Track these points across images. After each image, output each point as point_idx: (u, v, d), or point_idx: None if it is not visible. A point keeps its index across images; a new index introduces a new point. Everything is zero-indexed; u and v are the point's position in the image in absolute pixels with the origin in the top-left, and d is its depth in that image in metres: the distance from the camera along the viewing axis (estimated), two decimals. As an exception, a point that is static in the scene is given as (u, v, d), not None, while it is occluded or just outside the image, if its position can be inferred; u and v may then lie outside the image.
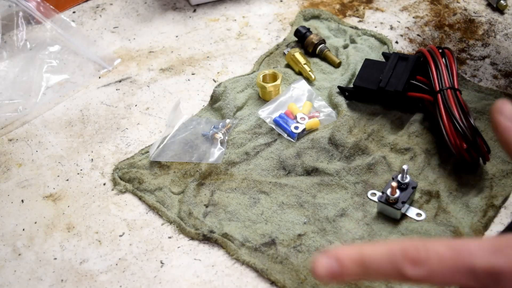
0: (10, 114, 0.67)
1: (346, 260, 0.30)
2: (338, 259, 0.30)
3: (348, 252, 0.30)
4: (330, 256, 0.30)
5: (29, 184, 0.60)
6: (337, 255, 0.30)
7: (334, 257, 0.30)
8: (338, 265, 0.30)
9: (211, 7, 0.82)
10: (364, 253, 0.30)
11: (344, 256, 0.30)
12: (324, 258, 0.30)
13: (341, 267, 0.30)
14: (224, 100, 0.65)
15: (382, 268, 0.29)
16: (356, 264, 0.30)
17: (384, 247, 0.30)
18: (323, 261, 0.30)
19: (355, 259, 0.30)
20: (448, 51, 0.60)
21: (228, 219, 0.54)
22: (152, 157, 0.60)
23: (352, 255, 0.30)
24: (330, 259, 0.30)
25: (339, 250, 0.30)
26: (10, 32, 0.77)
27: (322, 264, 0.30)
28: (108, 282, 0.50)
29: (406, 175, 0.52)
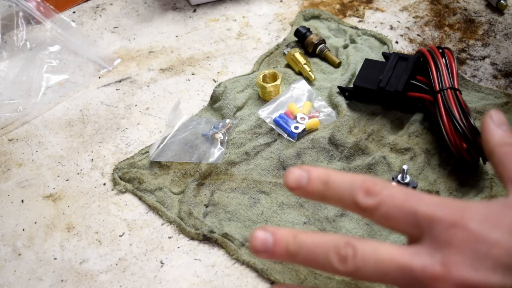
0: (10, 114, 0.67)
1: (314, 175, 0.33)
2: (308, 173, 0.33)
3: (318, 170, 0.33)
4: (303, 169, 0.33)
5: (29, 184, 0.60)
6: (309, 170, 0.33)
7: (306, 171, 0.33)
8: (307, 177, 0.33)
9: (211, 7, 0.82)
10: (330, 175, 0.33)
11: (313, 172, 0.33)
12: (298, 170, 0.33)
13: (308, 180, 0.33)
14: (224, 100, 0.65)
15: (340, 191, 0.32)
16: (320, 181, 0.33)
17: (349, 176, 0.33)
18: (296, 171, 0.33)
19: (321, 177, 0.33)
20: (448, 51, 0.60)
21: (228, 219, 0.54)
22: (152, 157, 0.60)
23: (321, 174, 0.33)
24: (302, 172, 0.33)
25: (312, 167, 0.34)
26: (10, 32, 0.77)
27: (294, 174, 0.33)
28: (108, 282, 0.50)
29: (406, 175, 0.52)
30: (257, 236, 0.33)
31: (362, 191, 0.32)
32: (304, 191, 0.33)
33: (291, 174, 0.33)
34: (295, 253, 0.32)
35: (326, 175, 0.33)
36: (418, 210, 0.31)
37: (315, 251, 0.32)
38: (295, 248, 0.32)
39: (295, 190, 0.34)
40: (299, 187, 0.33)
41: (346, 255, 0.31)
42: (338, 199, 0.33)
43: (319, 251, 0.32)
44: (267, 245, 0.33)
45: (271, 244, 0.33)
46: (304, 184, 0.33)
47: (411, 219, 0.31)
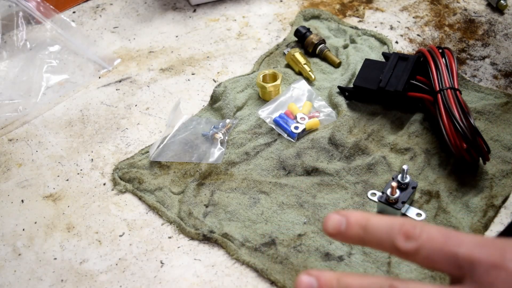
0: (10, 114, 0.67)
1: (352, 220, 0.34)
2: (347, 218, 0.34)
3: (356, 215, 0.34)
4: (341, 214, 0.34)
5: (29, 184, 0.60)
6: (347, 215, 0.34)
7: (345, 216, 0.34)
8: (345, 223, 0.34)
9: (211, 7, 0.82)
10: (369, 220, 0.34)
11: (352, 217, 0.34)
12: (336, 215, 0.34)
13: (346, 226, 0.34)
14: (224, 100, 0.65)
15: (379, 236, 0.33)
16: (359, 226, 0.34)
17: (387, 219, 0.33)
18: (334, 217, 0.34)
19: (360, 222, 0.34)
20: (448, 51, 0.60)
21: (228, 219, 0.54)
22: (152, 157, 0.60)
23: (359, 219, 0.34)
24: (341, 217, 0.34)
25: (349, 212, 0.34)
26: (10, 32, 0.77)
27: (333, 220, 0.34)
28: (108, 282, 0.50)
29: (406, 175, 0.52)
30: (302, 281, 0.33)
31: (401, 235, 0.32)
32: (343, 236, 0.34)
33: (330, 220, 0.34)
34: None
35: (365, 220, 0.34)
36: (458, 252, 0.31)
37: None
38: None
39: (334, 236, 0.34)
40: (339, 233, 0.34)
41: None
42: (378, 244, 0.33)
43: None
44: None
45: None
46: (343, 230, 0.34)
47: (452, 261, 0.31)
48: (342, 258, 0.50)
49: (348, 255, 0.50)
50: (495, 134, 0.58)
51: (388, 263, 0.49)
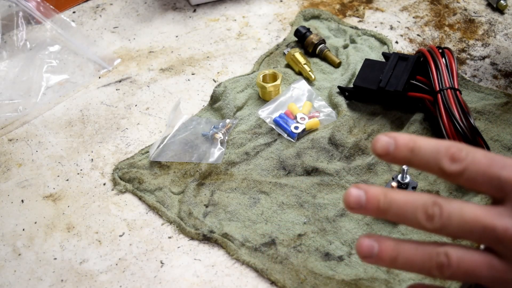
0: (10, 114, 0.67)
1: (401, 142, 0.34)
2: (395, 140, 0.34)
3: (404, 137, 0.34)
4: (390, 136, 0.35)
5: (29, 184, 0.60)
6: (395, 137, 0.34)
7: (393, 138, 0.34)
8: (394, 144, 0.34)
9: (211, 7, 0.82)
10: (416, 142, 0.34)
11: (400, 140, 0.34)
12: (384, 137, 0.35)
13: (395, 147, 0.34)
14: (224, 100, 0.65)
15: (426, 157, 0.34)
16: (407, 148, 0.34)
17: (434, 142, 0.34)
18: (383, 138, 0.35)
19: (408, 144, 0.34)
20: (448, 51, 0.60)
21: (228, 219, 0.54)
22: (152, 157, 0.60)
23: (406, 141, 0.34)
24: (389, 139, 0.34)
25: (397, 134, 0.35)
26: (10, 32, 0.77)
27: (381, 142, 0.34)
28: (108, 282, 0.50)
29: (406, 175, 0.52)
30: (351, 193, 0.34)
31: (447, 157, 0.33)
32: (391, 157, 0.35)
33: (379, 141, 0.34)
34: (386, 210, 0.34)
35: (412, 141, 0.34)
36: (501, 175, 0.32)
37: (404, 209, 0.33)
38: (385, 206, 0.34)
39: (383, 156, 0.35)
40: (387, 153, 0.34)
41: (433, 214, 0.32)
42: (424, 165, 0.34)
43: (408, 209, 0.33)
44: (361, 202, 0.34)
45: (364, 201, 0.34)
46: (391, 151, 0.34)
47: (494, 183, 0.33)
48: (342, 258, 0.50)
49: (348, 255, 0.50)
50: (495, 134, 0.58)
51: (388, 263, 0.49)
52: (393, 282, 0.48)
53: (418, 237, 0.51)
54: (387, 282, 0.48)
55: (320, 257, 0.50)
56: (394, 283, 0.48)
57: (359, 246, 0.34)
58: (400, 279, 0.48)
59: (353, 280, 0.48)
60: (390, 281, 0.48)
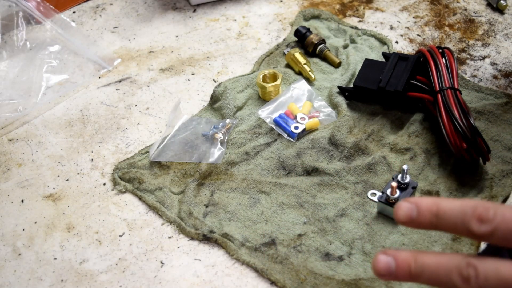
0: (10, 114, 0.67)
1: (423, 208, 0.33)
2: (417, 205, 0.33)
3: (426, 202, 0.33)
4: (411, 202, 0.34)
5: (29, 184, 0.60)
6: (417, 202, 0.33)
7: (415, 204, 0.33)
8: (417, 211, 0.33)
9: (211, 7, 0.82)
10: (440, 205, 0.33)
11: (423, 205, 0.33)
12: (406, 203, 0.34)
13: (418, 214, 0.33)
14: (224, 100, 0.65)
15: (453, 221, 0.33)
16: (430, 213, 0.33)
17: (458, 203, 0.33)
18: (404, 205, 0.34)
19: (430, 208, 0.33)
20: (448, 51, 0.60)
21: (228, 219, 0.54)
22: (152, 157, 0.60)
23: (429, 206, 0.33)
24: (411, 205, 0.33)
25: (419, 199, 0.34)
26: (10, 32, 0.77)
27: (403, 208, 0.33)
28: (108, 282, 0.50)
29: (406, 175, 0.52)
30: (380, 260, 0.34)
31: (475, 219, 0.32)
32: (416, 224, 0.34)
33: (400, 209, 0.34)
34: (418, 275, 0.33)
35: (435, 206, 0.33)
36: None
37: (438, 272, 0.33)
38: (417, 271, 0.33)
39: (406, 224, 0.34)
40: (411, 220, 0.34)
41: (469, 276, 0.32)
42: (452, 229, 0.33)
43: (441, 272, 0.33)
44: (391, 269, 0.33)
45: (394, 268, 0.33)
46: (414, 218, 0.34)
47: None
48: (342, 258, 0.50)
49: (348, 255, 0.50)
50: (495, 134, 0.58)
51: (388, 263, 0.49)
52: (393, 282, 0.48)
53: (418, 237, 0.51)
54: (387, 282, 0.48)
55: (320, 257, 0.50)
56: (394, 283, 0.48)
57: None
58: (400, 279, 0.48)
59: (353, 280, 0.48)
60: (390, 281, 0.48)
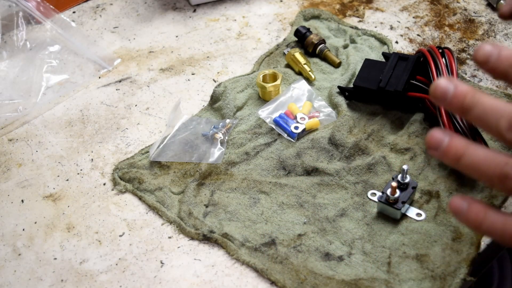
0: (10, 114, 0.67)
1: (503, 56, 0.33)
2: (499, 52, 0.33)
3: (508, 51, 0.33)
4: (494, 46, 0.33)
5: (29, 184, 0.60)
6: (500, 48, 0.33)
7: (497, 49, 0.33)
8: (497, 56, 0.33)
9: (211, 7, 0.82)
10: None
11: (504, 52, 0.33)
12: (489, 46, 0.33)
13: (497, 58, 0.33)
14: (224, 100, 0.65)
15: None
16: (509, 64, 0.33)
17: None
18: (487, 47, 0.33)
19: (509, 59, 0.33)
20: (448, 51, 0.60)
21: (228, 219, 0.54)
22: (152, 157, 0.60)
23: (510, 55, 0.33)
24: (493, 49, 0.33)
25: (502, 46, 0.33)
26: (10, 32, 0.77)
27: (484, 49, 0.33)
28: (108, 282, 0.50)
29: (406, 175, 0.52)
30: (440, 83, 0.33)
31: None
32: (490, 67, 0.33)
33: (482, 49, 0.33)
34: (470, 108, 0.33)
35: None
36: None
37: (488, 113, 0.33)
38: (470, 104, 0.33)
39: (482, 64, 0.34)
40: (487, 63, 0.33)
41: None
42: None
43: (492, 114, 0.32)
44: (448, 94, 0.33)
45: (451, 93, 0.33)
46: (493, 61, 0.33)
47: None
48: (342, 258, 0.50)
49: (348, 255, 0.50)
50: (495, 134, 0.58)
51: (388, 263, 0.49)
52: (393, 282, 0.48)
53: (418, 237, 0.51)
54: (387, 282, 0.48)
55: (320, 257, 0.50)
56: (394, 283, 0.48)
57: (429, 138, 0.33)
58: (400, 279, 0.48)
59: (353, 280, 0.48)
60: (390, 281, 0.48)
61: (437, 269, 0.48)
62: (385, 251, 0.50)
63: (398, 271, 0.48)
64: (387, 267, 0.49)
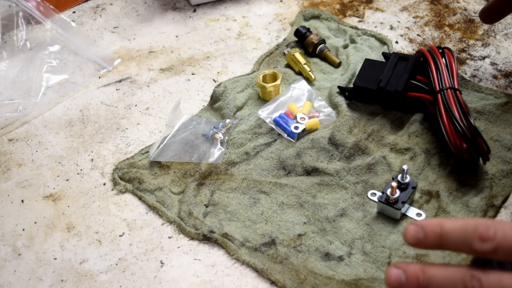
0: (10, 114, 0.67)
1: (428, 229, 0.36)
2: (423, 227, 0.36)
3: (431, 224, 0.36)
4: (418, 225, 0.36)
5: (29, 184, 0.60)
6: (423, 225, 0.36)
7: (420, 226, 0.36)
8: (423, 233, 0.36)
9: (211, 7, 0.82)
10: (443, 226, 0.36)
11: (427, 227, 0.36)
12: (413, 226, 0.37)
13: (424, 236, 0.36)
14: (224, 100, 0.65)
15: (456, 241, 0.35)
16: (436, 235, 0.36)
17: (460, 223, 0.35)
18: (412, 228, 0.37)
19: (435, 231, 0.36)
20: (448, 51, 0.60)
21: (228, 219, 0.54)
22: (152, 157, 0.60)
23: (434, 228, 0.36)
24: (417, 227, 0.36)
25: (424, 221, 0.37)
26: (10, 32, 0.77)
27: (411, 231, 0.37)
28: (108, 282, 0.50)
29: (406, 175, 0.52)
30: (391, 273, 0.37)
31: (477, 238, 0.34)
32: (423, 245, 0.37)
33: (409, 232, 0.37)
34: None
35: (439, 227, 0.36)
36: None
37: (444, 284, 0.35)
38: (425, 283, 0.36)
39: (416, 246, 0.37)
40: (419, 242, 0.37)
41: None
42: (456, 248, 0.36)
43: (448, 284, 0.35)
44: (401, 281, 0.36)
45: (404, 279, 0.36)
46: (422, 239, 0.36)
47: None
48: (342, 258, 0.50)
49: (348, 255, 0.50)
50: (495, 134, 0.58)
51: (388, 263, 0.49)
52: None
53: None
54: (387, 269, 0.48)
55: (320, 257, 0.50)
56: (394, 283, 0.48)
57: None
58: (400, 279, 0.48)
59: (353, 280, 0.48)
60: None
61: (437, 269, 0.48)
62: (385, 251, 0.50)
63: (398, 271, 0.48)
64: (387, 267, 0.49)
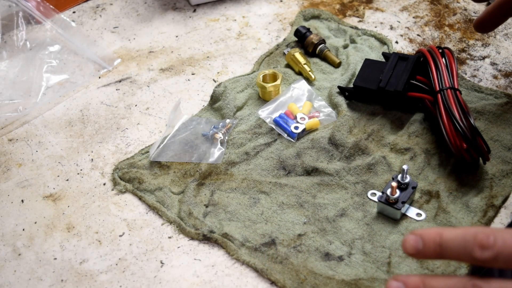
0: (10, 114, 0.67)
1: (427, 238, 0.35)
2: (422, 237, 0.36)
3: (429, 234, 0.36)
4: (416, 234, 0.36)
5: (29, 184, 0.60)
6: (421, 234, 0.36)
7: (419, 235, 0.36)
8: (422, 243, 0.36)
9: (211, 7, 0.82)
10: (443, 236, 0.35)
11: (426, 236, 0.36)
12: (412, 236, 0.36)
13: (423, 245, 0.36)
14: (224, 100, 0.65)
15: (456, 250, 0.35)
16: (435, 244, 0.35)
17: (459, 232, 0.35)
18: (411, 238, 0.36)
19: (434, 240, 0.35)
20: (448, 51, 0.60)
21: (228, 219, 0.54)
22: (152, 157, 0.60)
23: (432, 237, 0.35)
24: (416, 237, 0.36)
25: (423, 230, 0.36)
26: (10, 32, 0.77)
27: (409, 242, 0.36)
28: (108, 282, 0.50)
29: (406, 175, 0.52)
30: (391, 286, 0.36)
31: (477, 247, 0.34)
32: (422, 254, 0.36)
33: (408, 242, 0.36)
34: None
35: (439, 236, 0.36)
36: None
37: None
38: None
39: (415, 255, 0.36)
40: (418, 252, 0.36)
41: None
42: (456, 257, 0.35)
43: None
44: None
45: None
46: (421, 249, 0.36)
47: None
48: (342, 258, 0.50)
49: (348, 255, 0.50)
50: (495, 134, 0.58)
51: (388, 263, 0.49)
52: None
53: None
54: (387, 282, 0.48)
55: (320, 257, 0.50)
56: (394, 283, 0.48)
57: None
58: (400, 279, 0.48)
59: (353, 280, 0.48)
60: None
61: (437, 269, 0.48)
62: (385, 251, 0.50)
63: (398, 271, 0.48)
64: (387, 267, 0.49)
